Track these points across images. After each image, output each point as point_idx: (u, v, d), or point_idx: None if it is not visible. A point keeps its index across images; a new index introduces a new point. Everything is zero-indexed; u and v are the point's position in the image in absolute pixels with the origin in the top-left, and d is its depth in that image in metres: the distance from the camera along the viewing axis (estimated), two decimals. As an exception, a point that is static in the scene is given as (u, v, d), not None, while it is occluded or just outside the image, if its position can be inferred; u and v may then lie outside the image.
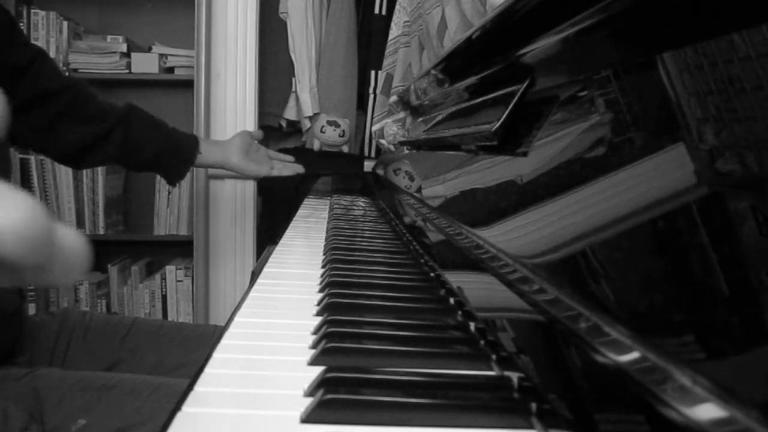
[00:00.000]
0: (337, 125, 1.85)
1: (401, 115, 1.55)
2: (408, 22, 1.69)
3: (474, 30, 0.71)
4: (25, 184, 2.07)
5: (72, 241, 0.28)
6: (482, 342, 0.46)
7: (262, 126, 2.07)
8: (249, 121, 1.97)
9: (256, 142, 1.38)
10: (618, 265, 0.35)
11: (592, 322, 0.32)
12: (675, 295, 0.29)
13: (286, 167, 1.42)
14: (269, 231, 1.91)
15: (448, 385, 0.39)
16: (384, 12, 1.98)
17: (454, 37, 1.19)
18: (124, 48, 2.09)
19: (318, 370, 0.40)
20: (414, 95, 1.25)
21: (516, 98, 0.57)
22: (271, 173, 1.39)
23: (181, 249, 2.17)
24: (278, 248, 0.85)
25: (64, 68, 2.06)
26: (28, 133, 1.04)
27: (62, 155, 1.14)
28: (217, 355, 0.44)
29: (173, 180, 1.29)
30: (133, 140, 1.16)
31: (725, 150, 0.28)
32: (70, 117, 1.07)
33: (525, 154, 0.53)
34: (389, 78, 1.81)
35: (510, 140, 0.57)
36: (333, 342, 0.44)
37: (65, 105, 1.05)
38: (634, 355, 0.28)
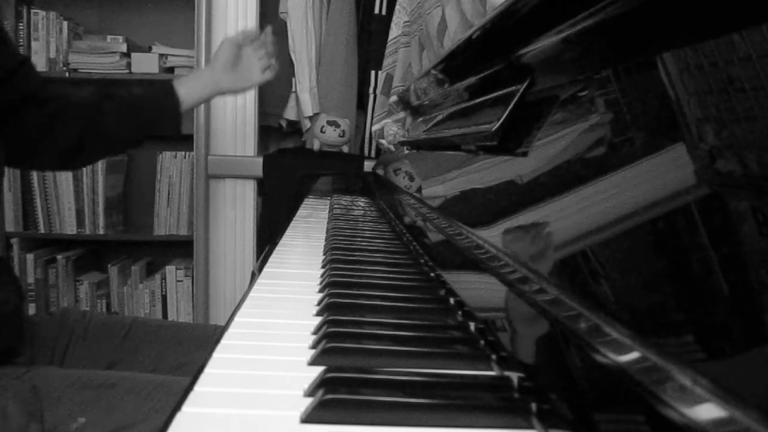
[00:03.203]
0: (337, 125, 1.85)
1: (401, 115, 1.55)
2: (408, 22, 1.69)
3: (474, 30, 0.71)
4: (25, 184, 2.07)
5: None
6: (482, 342, 0.46)
7: (262, 126, 2.07)
8: (249, 122, 1.97)
9: (242, 47, 1.26)
10: (618, 265, 0.35)
11: (592, 322, 0.32)
12: (675, 295, 0.29)
13: (273, 68, 1.30)
14: (269, 231, 1.91)
15: (448, 385, 0.39)
16: (384, 12, 1.98)
17: (454, 37, 1.19)
18: (124, 48, 2.09)
19: (318, 370, 0.40)
20: (414, 95, 1.25)
21: (516, 98, 0.57)
22: (265, 78, 1.28)
23: (181, 249, 2.17)
24: (278, 248, 0.85)
25: (64, 68, 2.06)
26: (16, 143, 1.01)
27: (49, 164, 1.11)
28: (217, 355, 0.44)
29: (173, 133, 1.22)
30: (111, 129, 1.11)
31: (725, 150, 0.28)
32: (54, 124, 1.04)
33: (525, 154, 0.53)
34: (389, 78, 1.81)
35: (510, 140, 0.57)
36: (333, 342, 0.44)
37: (50, 115, 1.02)
38: (634, 355, 0.28)
